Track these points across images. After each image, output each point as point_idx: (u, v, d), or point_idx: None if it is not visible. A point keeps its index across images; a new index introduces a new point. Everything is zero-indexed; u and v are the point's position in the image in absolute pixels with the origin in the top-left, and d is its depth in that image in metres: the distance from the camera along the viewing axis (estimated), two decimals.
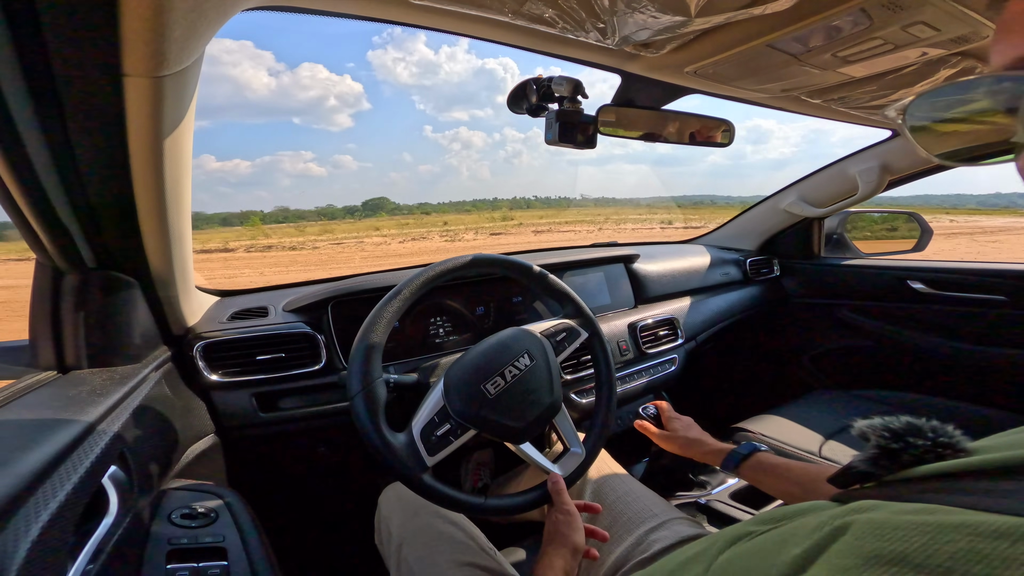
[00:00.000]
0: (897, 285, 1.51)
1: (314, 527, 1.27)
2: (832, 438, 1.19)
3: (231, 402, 0.88)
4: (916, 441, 0.35)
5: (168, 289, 0.78)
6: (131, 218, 0.62)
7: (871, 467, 0.36)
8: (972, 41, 0.59)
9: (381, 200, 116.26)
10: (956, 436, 0.34)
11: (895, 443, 0.35)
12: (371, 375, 0.65)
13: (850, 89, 0.80)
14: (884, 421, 0.38)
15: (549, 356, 0.76)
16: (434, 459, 0.66)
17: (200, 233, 56.46)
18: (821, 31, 0.59)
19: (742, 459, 0.74)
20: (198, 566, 0.55)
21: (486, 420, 0.68)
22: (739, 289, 1.64)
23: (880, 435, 0.37)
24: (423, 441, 0.66)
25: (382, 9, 0.59)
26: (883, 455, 0.36)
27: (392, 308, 0.70)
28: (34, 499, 0.39)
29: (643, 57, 0.71)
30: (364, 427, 0.63)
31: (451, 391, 0.69)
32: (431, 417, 0.67)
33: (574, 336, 0.83)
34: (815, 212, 1.56)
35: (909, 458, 0.34)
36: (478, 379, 0.69)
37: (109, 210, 0.60)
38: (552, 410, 0.75)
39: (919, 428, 0.35)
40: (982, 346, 1.37)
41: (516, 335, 0.76)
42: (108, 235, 0.63)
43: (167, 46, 0.43)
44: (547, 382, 0.74)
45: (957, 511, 0.24)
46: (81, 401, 0.55)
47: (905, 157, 1.31)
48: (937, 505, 0.25)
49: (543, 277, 0.85)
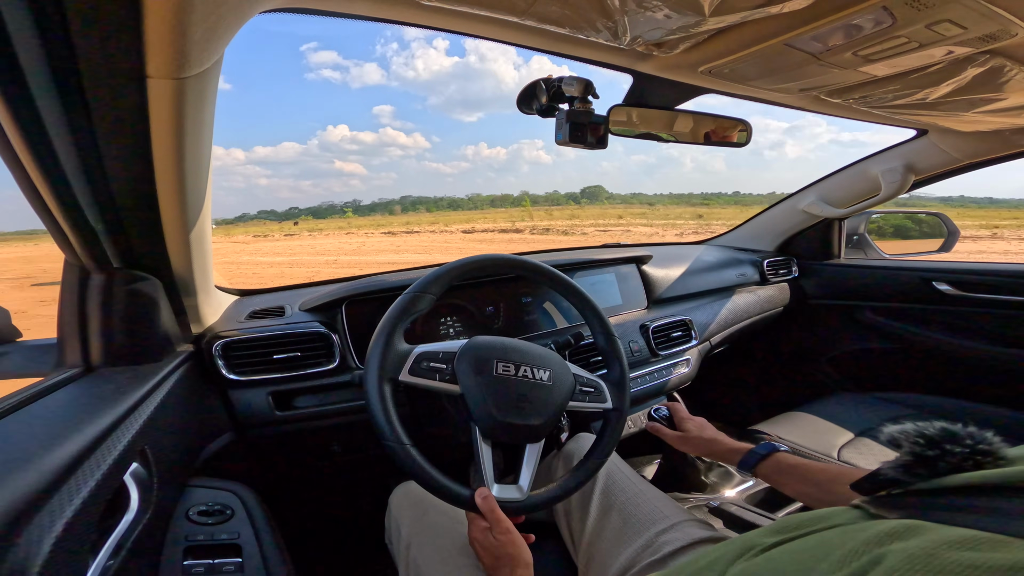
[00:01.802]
0: (922, 286, 1.47)
1: (326, 525, 1.29)
2: (851, 442, 1.17)
3: (248, 400, 0.90)
4: (954, 448, 0.32)
5: (189, 288, 0.80)
6: (154, 218, 0.64)
7: (903, 475, 0.34)
8: (1001, 39, 0.57)
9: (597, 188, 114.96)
10: (996, 443, 0.32)
11: (931, 450, 0.33)
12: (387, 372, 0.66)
13: (872, 88, 0.78)
14: (918, 427, 0.35)
15: (564, 390, 0.75)
16: (405, 377, 0.67)
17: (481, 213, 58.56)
18: (841, 29, 0.57)
19: (760, 459, 0.72)
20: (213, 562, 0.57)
21: (472, 390, 0.68)
22: (756, 290, 1.61)
23: (914, 441, 0.34)
24: (416, 361, 0.68)
25: (394, 10, 0.60)
26: (918, 463, 0.34)
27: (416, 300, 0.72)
28: (58, 495, 0.41)
29: (655, 57, 0.70)
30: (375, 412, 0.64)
31: (468, 347, 0.71)
32: (439, 352, 0.70)
33: (596, 399, 0.79)
34: (835, 212, 1.53)
35: (946, 466, 0.32)
36: (495, 354, 0.71)
37: (133, 210, 0.61)
38: (531, 434, 0.72)
39: (956, 434, 0.33)
40: (1011, 348, 1.33)
41: (554, 356, 0.77)
42: (132, 235, 0.65)
43: (188, 48, 0.44)
44: (544, 406, 0.72)
45: (1006, 543, 0.22)
46: (105, 399, 0.57)
47: (931, 157, 1.27)
48: (983, 533, 0.23)
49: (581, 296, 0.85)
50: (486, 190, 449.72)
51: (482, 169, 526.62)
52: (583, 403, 0.77)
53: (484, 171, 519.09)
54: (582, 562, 0.75)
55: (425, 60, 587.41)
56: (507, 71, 19.92)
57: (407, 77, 21.40)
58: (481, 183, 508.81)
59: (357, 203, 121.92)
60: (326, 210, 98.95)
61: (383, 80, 25.24)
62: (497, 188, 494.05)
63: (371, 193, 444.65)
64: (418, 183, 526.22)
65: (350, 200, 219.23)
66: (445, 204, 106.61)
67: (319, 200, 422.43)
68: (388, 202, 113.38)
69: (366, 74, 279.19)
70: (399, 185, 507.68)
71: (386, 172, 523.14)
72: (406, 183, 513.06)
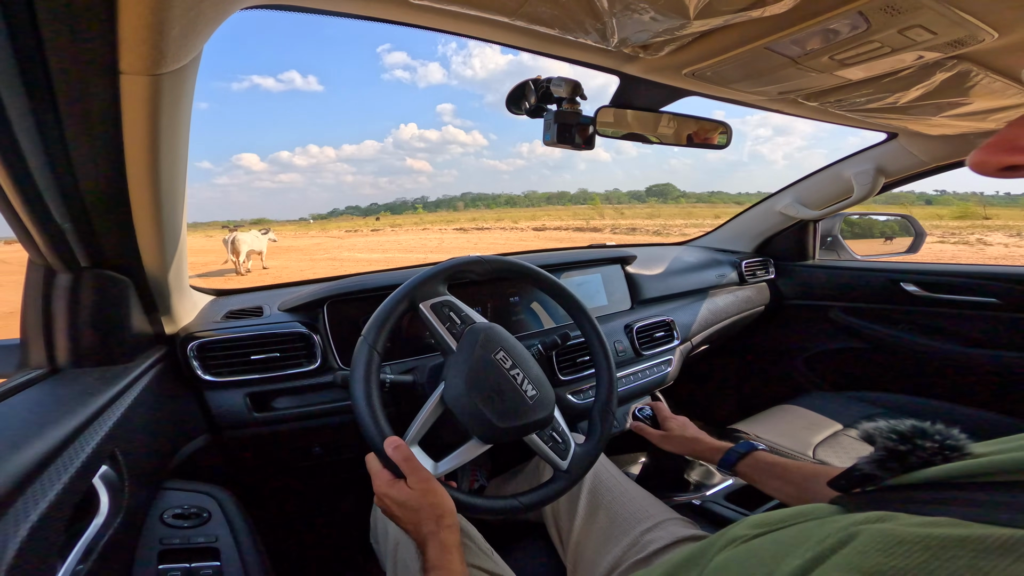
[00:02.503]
0: (890, 287, 1.52)
1: (308, 527, 1.26)
2: (826, 440, 1.20)
3: (224, 402, 0.87)
4: (924, 444, 0.34)
5: (162, 288, 0.77)
6: (125, 217, 0.62)
7: (877, 469, 0.36)
8: (968, 44, 0.60)
9: (666, 187, 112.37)
10: (962, 439, 0.34)
11: (903, 445, 0.35)
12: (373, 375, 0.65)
13: (847, 92, 0.81)
14: (890, 424, 0.37)
15: (535, 417, 0.71)
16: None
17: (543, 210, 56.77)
18: (819, 34, 0.59)
19: (740, 457, 0.74)
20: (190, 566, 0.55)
21: (464, 356, 0.69)
22: (734, 291, 1.64)
23: (887, 437, 0.36)
24: (442, 302, 0.72)
25: (382, 9, 0.59)
26: (890, 457, 0.35)
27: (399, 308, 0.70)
28: (23, 499, 0.39)
29: (641, 59, 0.71)
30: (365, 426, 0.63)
31: (488, 326, 0.73)
32: (463, 310, 0.74)
33: (556, 450, 0.76)
34: (810, 214, 1.57)
35: (916, 460, 0.34)
36: (505, 345, 0.73)
37: (103, 209, 0.59)
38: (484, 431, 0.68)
39: (925, 431, 0.35)
40: (975, 348, 1.38)
41: (550, 390, 0.75)
42: (102, 234, 0.63)
43: (165, 44, 0.42)
44: (510, 415, 0.69)
45: (963, 524, 0.23)
46: (72, 401, 0.55)
47: (900, 160, 1.32)
48: (946, 518, 0.25)
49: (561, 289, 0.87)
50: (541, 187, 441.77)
51: (537, 166, 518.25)
52: (542, 445, 0.73)
53: (539, 168, 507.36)
54: (570, 562, 0.75)
55: (482, 59, 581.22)
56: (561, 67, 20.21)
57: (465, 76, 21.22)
58: (536, 180, 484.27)
59: (425, 199, 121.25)
60: (399, 206, 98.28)
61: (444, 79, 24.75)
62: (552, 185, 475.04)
63: (436, 190, 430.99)
64: (476, 180, 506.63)
65: (419, 196, 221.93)
66: (503, 201, 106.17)
67: (394, 196, 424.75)
68: (451, 199, 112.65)
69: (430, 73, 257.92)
70: (459, 182, 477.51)
71: (448, 169, 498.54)
72: (466, 180, 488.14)
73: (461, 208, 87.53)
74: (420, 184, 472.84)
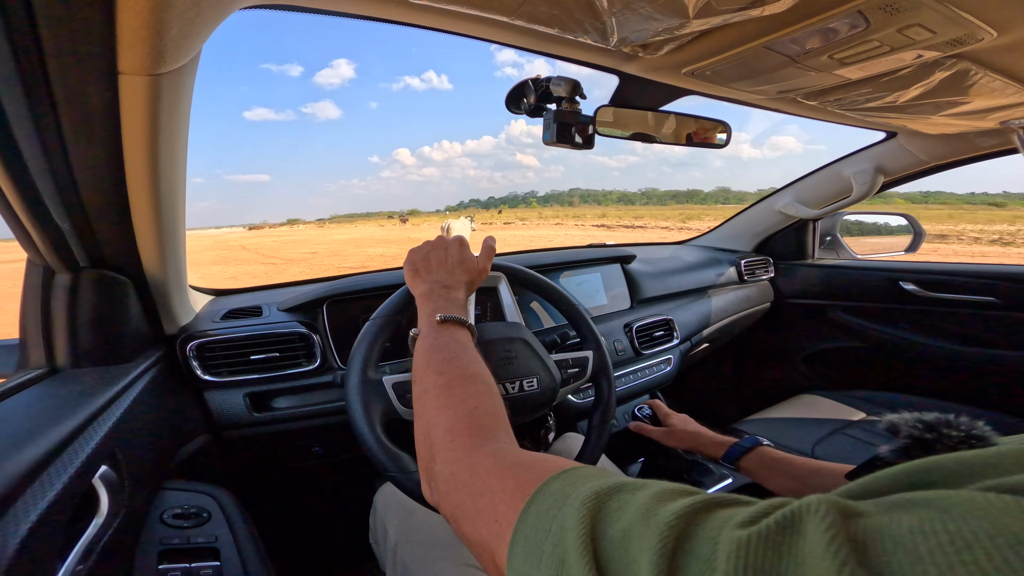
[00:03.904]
0: (889, 286, 1.52)
1: (308, 526, 1.26)
2: (825, 439, 1.20)
3: (223, 402, 0.87)
4: (950, 432, 0.34)
5: (161, 288, 0.77)
6: (125, 217, 0.62)
7: (902, 458, 0.35)
8: (967, 44, 0.60)
9: None
10: (987, 431, 0.34)
11: (929, 433, 0.35)
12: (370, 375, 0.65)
13: (846, 91, 0.81)
14: (916, 414, 0.38)
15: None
16: None
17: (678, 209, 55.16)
18: (818, 33, 0.59)
19: (744, 452, 0.73)
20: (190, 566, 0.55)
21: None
22: (734, 290, 1.64)
23: (913, 426, 0.37)
24: None
25: (381, 8, 0.59)
26: (916, 446, 0.35)
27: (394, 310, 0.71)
28: (23, 499, 0.39)
29: (641, 58, 0.71)
30: (359, 427, 0.63)
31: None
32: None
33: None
34: (810, 213, 1.57)
35: (943, 448, 0.34)
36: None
37: (102, 209, 0.59)
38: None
39: (950, 421, 0.35)
40: (973, 347, 1.39)
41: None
42: (101, 234, 0.63)
43: (164, 44, 0.42)
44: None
45: None
46: (71, 401, 0.55)
47: (900, 159, 1.32)
48: None
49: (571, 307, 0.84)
50: (662, 185, 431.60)
51: (655, 163, 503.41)
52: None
53: (658, 165, 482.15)
54: None
55: None
56: None
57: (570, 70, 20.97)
58: (653, 178, 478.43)
59: (534, 194, 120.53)
60: (511, 200, 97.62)
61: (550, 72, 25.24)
62: (675, 184, 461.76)
63: (543, 185, 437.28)
64: (583, 176, 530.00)
65: (528, 191, 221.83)
66: (615, 198, 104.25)
67: (506, 191, 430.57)
68: (559, 194, 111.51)
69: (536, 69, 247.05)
70: (566, 178, 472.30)
71: (555, 165, 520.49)
72: (573, 176, 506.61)
73: (577, 203, 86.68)
74: (528, 179, 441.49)
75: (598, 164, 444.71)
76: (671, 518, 0.19)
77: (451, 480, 0.34)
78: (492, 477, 0.31)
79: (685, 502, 0.20)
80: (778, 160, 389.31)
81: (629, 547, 0.20)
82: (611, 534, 0.21)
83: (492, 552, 0.28)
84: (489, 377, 0.44)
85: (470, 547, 0.31)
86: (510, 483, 0.29)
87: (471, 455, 0.34)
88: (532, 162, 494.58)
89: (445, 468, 0.35)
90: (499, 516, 0.27)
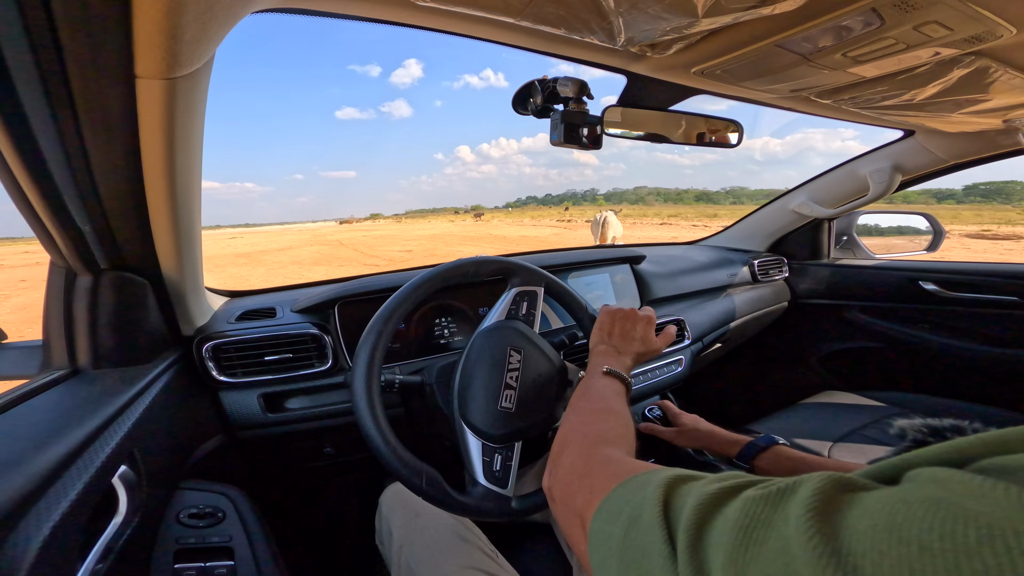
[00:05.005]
0: (908, 286, 1.49)
1: (319, 527, 1.28)
2: (842, 440, 1.18)
3: (238, 402, 0.89)
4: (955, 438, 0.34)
5: (178, 289, 0.79)
6: (143, 218, 0.63)
7: None
8: (986, 40, 0.58)
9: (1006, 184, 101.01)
10: None
11: (932, 438, 0.36)
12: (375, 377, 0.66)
13: (861, 89, 0.79)
14: (925, 420, 0.38)
15: (526, 332, 0.79)
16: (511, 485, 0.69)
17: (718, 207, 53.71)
18: (831, 31, 0.58)
19: (760, 451, 0.71)
20: (205, 566, 0.56)
21: (522, 431, 0.71)
22: (747, 290, 1.62)
23: (919, 430, 0.37)
24: (493, 483, 0.69)
25: (388, 11, 0.59)
26: (916, 447, 0.35)
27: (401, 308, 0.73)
28: (45, 498, 0.40)
29: (649, 58, 0.71)
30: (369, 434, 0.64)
31: (480, 429, 0.71)
32: (483, 459, 0.70)
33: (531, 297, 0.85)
34: (825, 213, 1.55)
35: None
36: (491, 403, 0.71)
37: (121, 211, 0.61)
38: (561, 376, 0.78)
39: (962, 428, 0.35)
40: (996, 347, 1.35)
41: (488, 341, 0.77)
42: (120, 236, 0.64)
43: (179, 48, 0.43)
44: (543, 358, 0.77)
45: None
46: (93, 401, 0.56)
47: (918, 157, 1.29)
48: None
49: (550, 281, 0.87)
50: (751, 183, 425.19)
51: (738, 161, 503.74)
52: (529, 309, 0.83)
53: (742, 163, 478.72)
54: (576, 563, 0.75)
55: None
56: None
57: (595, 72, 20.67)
58: (735, 176, 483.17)
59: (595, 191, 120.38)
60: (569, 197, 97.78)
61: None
62: (762, 183, 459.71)
63: (602, 183, 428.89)
64: (646, 174, 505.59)
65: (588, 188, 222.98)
66: (691, 197, 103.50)
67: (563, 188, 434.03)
68: (622, 192, 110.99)
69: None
70: (627, 176, 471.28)
71: (615, 163, 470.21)
72: (635, 174, 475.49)
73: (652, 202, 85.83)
74: (586, 177, 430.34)
75: (666, 162, 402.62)
76: (715, 489, 0.25)
77: (570, 468, 0.42)
78: (598, 466, 0.39)
79: (732, 483, 0.26)
80: None
81: (686, 506, 0.26)
82: (676, 504, 0.27)
83: (582, 516, 0.35)
84: (628, 418, 0.53)
85: (562, 520, 0.40)
86: (611, 470, 0.37)
87: (592, 452, 0.43)
88: (591, 160, 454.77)
89: (568, 459, 0.44)
90: (594, 490, 0.35)
